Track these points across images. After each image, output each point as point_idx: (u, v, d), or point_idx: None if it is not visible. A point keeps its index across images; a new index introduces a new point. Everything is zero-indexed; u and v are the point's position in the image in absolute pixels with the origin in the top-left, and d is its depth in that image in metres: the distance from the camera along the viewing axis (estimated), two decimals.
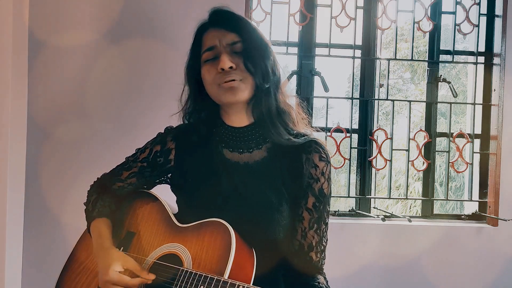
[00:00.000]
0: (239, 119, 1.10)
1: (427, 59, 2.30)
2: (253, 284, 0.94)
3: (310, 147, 1.07)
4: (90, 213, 1.17)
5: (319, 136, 1.13)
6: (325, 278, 1.08)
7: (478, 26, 2.24)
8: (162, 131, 1.22)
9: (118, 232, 1.16)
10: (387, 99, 2.24)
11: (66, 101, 1.93)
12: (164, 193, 1.19)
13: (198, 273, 0.93)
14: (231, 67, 1.02)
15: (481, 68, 2.27)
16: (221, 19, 1.07)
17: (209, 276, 0.91)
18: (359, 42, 2.23)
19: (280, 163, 1.07)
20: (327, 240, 1.09)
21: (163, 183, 1.22)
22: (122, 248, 1.12)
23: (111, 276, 0.98)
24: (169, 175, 1.20)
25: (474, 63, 2.26)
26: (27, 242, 1.91)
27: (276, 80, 1.09)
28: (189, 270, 0.95)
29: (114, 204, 1.19)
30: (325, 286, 1.04)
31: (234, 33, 1.05)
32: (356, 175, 2.26)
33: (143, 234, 1.11)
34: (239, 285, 0.88)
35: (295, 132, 1.11)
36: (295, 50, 2.19)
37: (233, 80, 1.03)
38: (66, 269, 1.19)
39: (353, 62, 2.20)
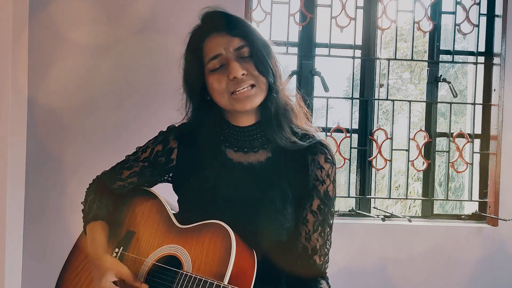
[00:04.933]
0: (246, 119, 1.08)
1: (427, 59, 2.30)
2: (255, 287, 0.94)
3: (316, 148, 1.06)
4: (86, 215, 1.17)
5: (320, 136, 1.12)
6: (327, 283, 1.06)
7: (478, 26, 2.23)
8: (165, 129, 1.20)
9: (118, 231, 1.15)
10: (387, 99, 2.24)
11: (65, 100, 1.93)
12: (165, 192, 1.19)
13: (198, 277, 0.92)
14: (243, 74, 1.00)
15: (481, 68, 2.26)
16: (222, 24, 1.03)
17: (209, 280, 0.90)
18: (359, 42, 2.22)
19: (285, 164, 1.06)
20: (331, 243, 1.08)
21: (165, 182, 1.21)
22: (121, 248, 1.11)
23: (104, 286, 0.98)
24: (171, 174, 1.19)
25: (474, 63, 2.26)
26: (27, 240, 1.91)
27: (279, 77, 1.09)
28: (189, 274, 0.94)
29: (112, 204, 1.18)
30: None
31: (238, 38, 1.02)
32: (356, 175, 2.26)
33: (143, 234, 1.11)
34: None
35: (299, 132, 1.09)
36: (295, 50, 2.19)
37: (247, 87, 1.01)
38: (66, 268, 1.18)
39: (353, 62, 2.20)
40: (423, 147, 2.21)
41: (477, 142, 2.26)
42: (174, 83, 1.17)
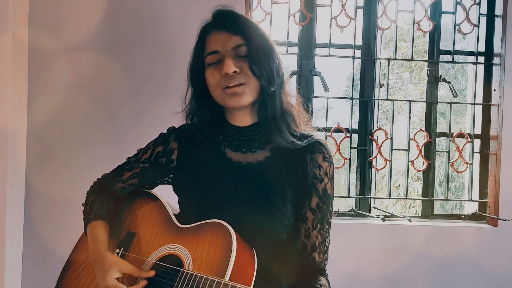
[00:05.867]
0: (243, 119, 1.10)
1: (427, 59, 2.30)
2: (255, 285, 0.94)
3: (314, 147, 1.08)
4: (87, 215, 1.17)
5: (320, 136, 1.13)
6: (327, 280, 1.08)
7: (478, 26, 2.24)
8: (164, 131, 1.21)
9: (118, 232, 1.16)
10: (387, 99, 2.24)
11: (66, 100, 1.93)
12: (166, 193, 1.19)
13: (199, 275, 0.93)
14: (235, 71, 1.02)
15: (481, 68, 2.26)
16: (225, 21, 1.06)
17: (210, 278, 0.91)
18: (359, 42, 2.23)
19: (284, 163, 1.07)
20: (330, 240, 1.10)
21: (165, 184, 1.22)
22: (122, 248, 1.11)
23: (109, 283, 0.99)
24: (171, 176, 1.20)
25: (474, 63, 2.26)
26: (27, 240, 1.91)
27: (280, 82, 1.09)
28: (190, 272, 0.95)
29: (113, 205, 1.19)
30: None
31: (238, 36, 1.04)
32: (356, 175, 2.26)
33: (144, 234, 1.11)
34: None
35: (298, 133, 1.10)
36: (295, 50, 2.19)
37: (237, 85, 1.02)
38: (66, 269, 1.18)
39: (353, 62, 2.20)
40: (423, 147, 2.21)
41: (477, 142, 2.26)
42: (179, 86, 1.18)
